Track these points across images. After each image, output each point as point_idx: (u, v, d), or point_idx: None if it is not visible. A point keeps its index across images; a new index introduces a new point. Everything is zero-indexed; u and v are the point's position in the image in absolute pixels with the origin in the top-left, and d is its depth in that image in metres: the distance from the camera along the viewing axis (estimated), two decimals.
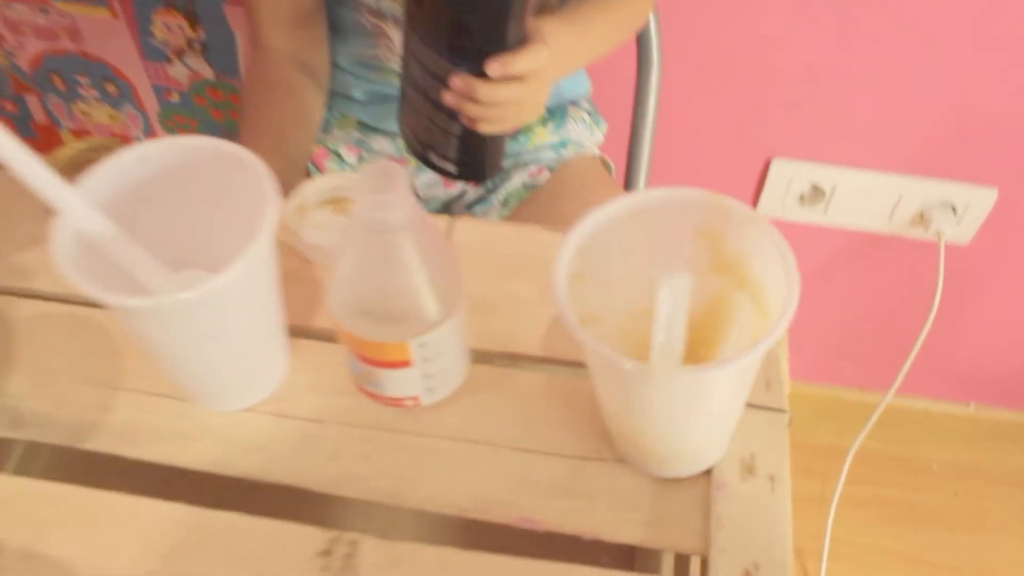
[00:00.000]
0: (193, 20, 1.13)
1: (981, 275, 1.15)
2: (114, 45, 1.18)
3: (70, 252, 0.38)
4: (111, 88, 1.24)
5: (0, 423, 0.47)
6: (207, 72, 1.18)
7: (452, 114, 0.61)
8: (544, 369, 0.48)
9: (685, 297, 0.34)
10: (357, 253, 0.39)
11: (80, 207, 0.39)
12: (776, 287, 0.37)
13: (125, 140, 1.29)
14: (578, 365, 0.48)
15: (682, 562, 0.43)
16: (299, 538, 0.42)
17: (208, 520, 0.43)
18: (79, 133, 1.33)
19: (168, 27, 1.15)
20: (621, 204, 0.39)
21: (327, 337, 0.49)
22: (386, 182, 0.37)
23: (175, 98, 1.24)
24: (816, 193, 1.10)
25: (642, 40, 0.89)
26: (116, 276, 0.40)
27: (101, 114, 1.28)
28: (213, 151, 0.41)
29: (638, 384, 0.35)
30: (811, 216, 1.13)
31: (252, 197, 0.40)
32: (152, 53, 1.18)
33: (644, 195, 0.39)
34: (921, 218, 1.09)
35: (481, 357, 0.48)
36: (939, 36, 0.92)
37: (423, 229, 0.39)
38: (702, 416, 0.37)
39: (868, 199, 1.09)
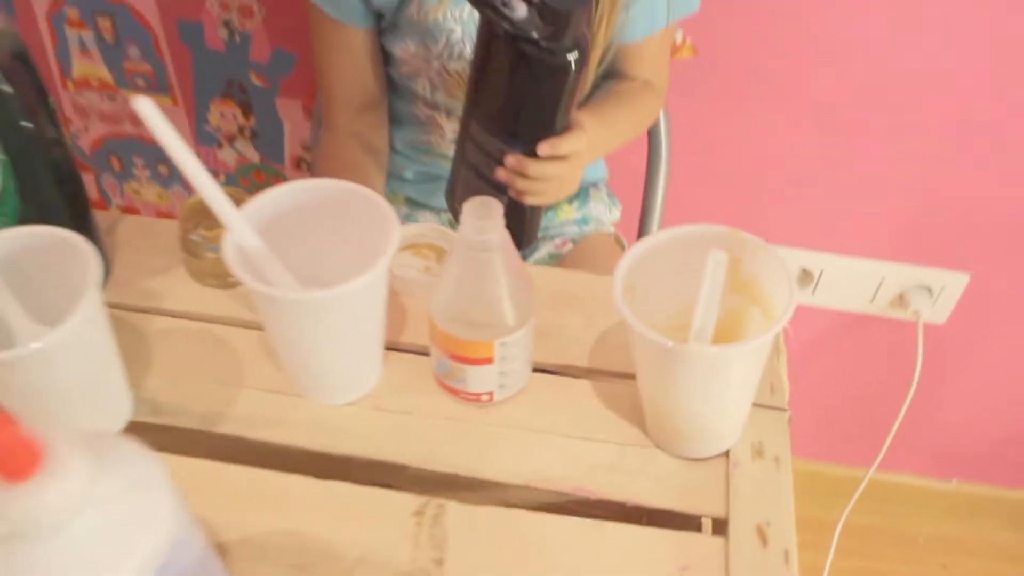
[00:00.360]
0: (246, 109, 1.28)
1: (957, 353, 1.29)
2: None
3: (236, 259, 0.51)
4: (163, 169, 1.38)
5: (142, 411, 0.58)
6: (254, 156, 1.33)
7: (501, 188, 0.74)
8: (589, 378, 0.60)
9: (723, 270, 0.47)
10: (458, 268, 0.52)
11: (241, 226, 0.52)
12: (781, 299, 0.49)
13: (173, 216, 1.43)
14: (617, 376, 0.60)
15: (707, 524, 0.54)
16: (398, 502, 0.53)
17: (323, 488, 0.54)
18: (128, 210, 1.46)
19: (223, 115, 1.30)
20: (662, 235, 0.52)
21: (413, 350, 0.61)
22: (486, 212, 0.50)
23: (221, 179, 1.38)
24: (806, 276, 1.24)
25: (652, 135, 1.05)
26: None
27: (151, 193, 1.42)
28: (346, 190, 0.55)
29: (676, 361, 0.48)
30: (801, 298, 1.27)
31: (374, 228, 0.53)
32: (205, 138, 1.32)
33: (679, 229, 0.52)
34: (901, 300, 1.23)
35: (538, 368, 0.60)
36: (916, 136, 1.08)
37: (510, 252, 0.52)
38: (724, 393, 0.50)
39: (852, 282, 1.23)
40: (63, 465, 0.35)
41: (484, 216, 0.50)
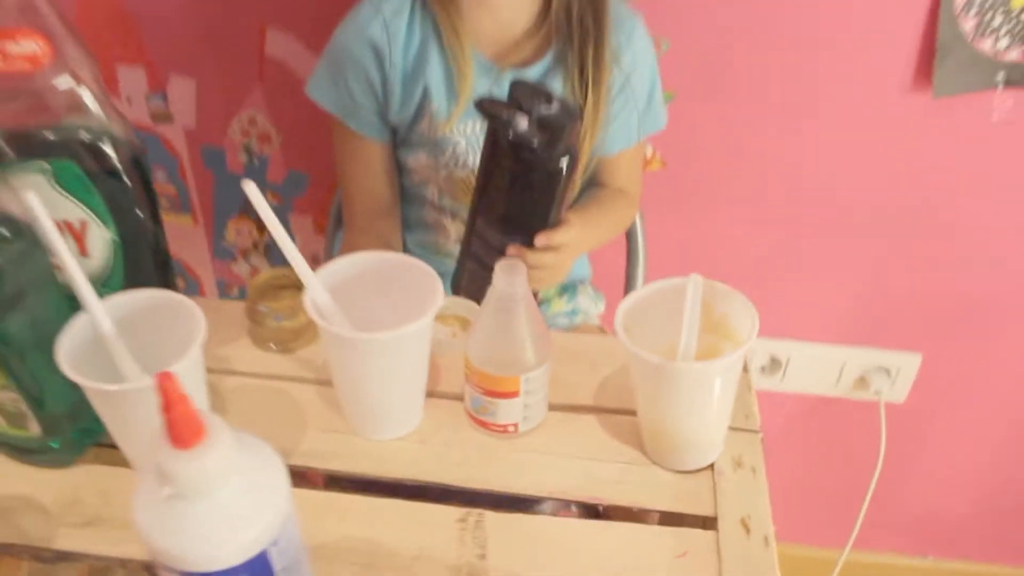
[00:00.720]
0: (261, 226, 1.44)
1: (919, 430, 1.43)
2: (191, 246, 1.48)
3: (313, 309, 0.65)
4: (180, 282, 1.52)
5: None
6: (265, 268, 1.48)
7: None
8: (595, 414, 0.74)
9: (700, 291, 0.62)
10: (490, 316, 0.67)
11: (317, 286, 0.66)
12: (747, 334, 0.64)
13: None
14: (618, 412, 0.74)
15: (699, 521, 0.67)
16: (444, 512, 0.66)
17: (381, 503, 0.67)
18: None
19: (239, 232, 1.46)
20: (651, 287, 0.67)
21: (447, 397, 0.75)
22: (513, 270, 0.65)
23: (234, 292, 1.53)
24: (774, 364, 1.40)
25: (630, 237, 1.21)
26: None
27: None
28: (397, 260, 0.69)
29: (667, 377, 0.62)
30: (771, 384, 1.42)
31: (421, 289, 0.67)
32: (221, 253, 1.47)
33: (663, 282, 0.67)
34: (862, 381, 1.38)
35: (553, 407, 0.74)
36: (866, 230, 1.26)
37: (531, 303, 0.67)
38: (707, 405, 0.63)
39: (817, 367, 1.39)
40: (217, 440, 0.48)
41: (512, 273, 0.65)
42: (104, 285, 0.71)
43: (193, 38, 1.26)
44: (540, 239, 0.86)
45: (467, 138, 1.00)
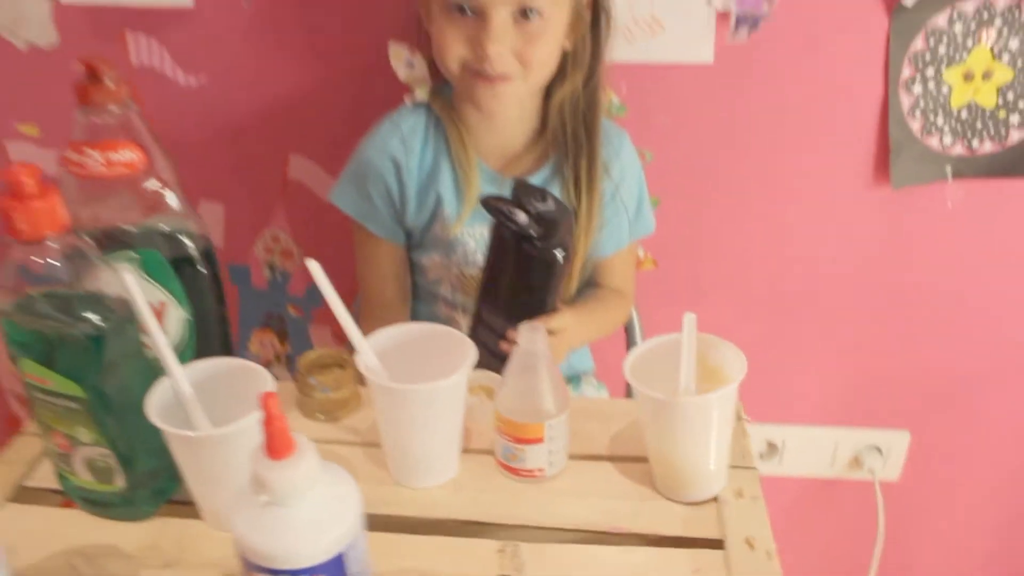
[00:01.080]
0: (283, 337, 1.56)
1: (916, 507, 1.52)
2: None
3: (364, 370, 0.77)
4: None
5: None
6: (287, 379, 1.59)
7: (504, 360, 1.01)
8: (610, 461, 0.85)
9: (694, 328, 0.74)
10: (516, 372, 0.79)
11: (368, 351, 0.78)
12: (737, 373, 0.76)
13: None
14: (629, 459, 0.85)
15: (708, 543, 0.77)
16: (485, 544, 0.77)
17: (427, 540, 0.76)
18: None
19: (262, 343, 1.58)
20: (653, 341, 0.80)
21: (479, 452, 0.86)
22: (534, 331, 0.78)
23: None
24: (771, 449, 1.50)
25: (628, 332, 1.34)
26: None
27: None
28: (443, 332, 0.82)
29: (670, 411, 0.73)
30: (770, 469, 1.51)
31: (453, 352, 0.80)
32: None
33: (664, 337, 0.80)
34: (856, 461, 1.48)
35: (573, 456, 0.85)
36: (852, 313, 1.39)
37: (550, 360, 0.79)
38: (708, 436, 0.75)
39: (812, 449, 1.49)
40: (305, 454, 0.59)
41: (533, 333, 0.78)
42: (178, 356, 0.83)
43: (223, 167, 1.42)
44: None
45: (476, 239, 1.14)
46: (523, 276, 0.98)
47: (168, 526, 0.80)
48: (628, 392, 1.39)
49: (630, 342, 1.35)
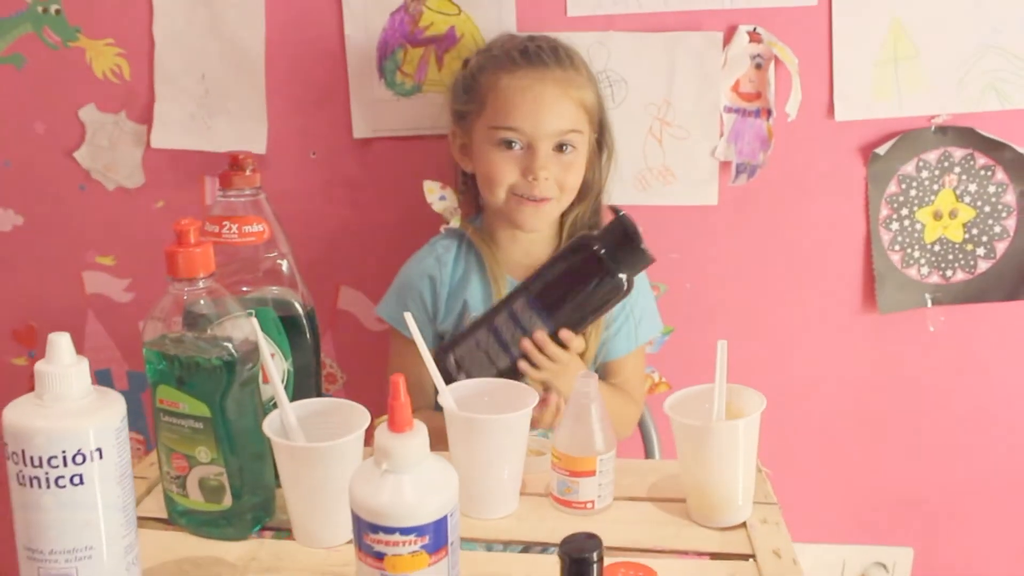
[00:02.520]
0: None
1: None
2: None
3: (446, 406, 0.93)
4: None
5: None
6: None
7: (505, 357, 1.13)
8: (650, 502, 0.99)
9: (725, 354, 0.90)
10: (571, 412, 0.95)
11: (447, 392, 0.94)
12: (758, 407, 0.92)
13: None
14: (667, 500, 0.99)
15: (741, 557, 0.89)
16: (548, 559, 0.88)
17: (499, 555, 0.89)
18: None
19: None
20: (688, 389, 0.96)
21: (534, 495, 1.00)
22: (588, 377, 0.94)
23: None
24: None
25: (645, 437, 1.48)
26: None
27: None
28: (506, 385, 0.99)
29: (704, 435, 0.89)
30: None
31: (519, 398, 0.96)
32: None
33: (698, 387, 0.96)
34: None
35: (617, 498, 0.99)
36: (849, 436, 1.54)
37: (601, 403, 0.95)
38: (736, 460, 0.90)
39: (821, 567, 1.59)
40: (420, 430, 0.74)
41: (588, 379, 0.95)
42: None
43: None
44: (565, 333, 1.12)
45: None
46: (586, 287, 1.08)
47: (265, 544, 0.93)
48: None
49: (647, 446, 1.49)
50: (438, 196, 1.40)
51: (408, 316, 0.96)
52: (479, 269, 1.34)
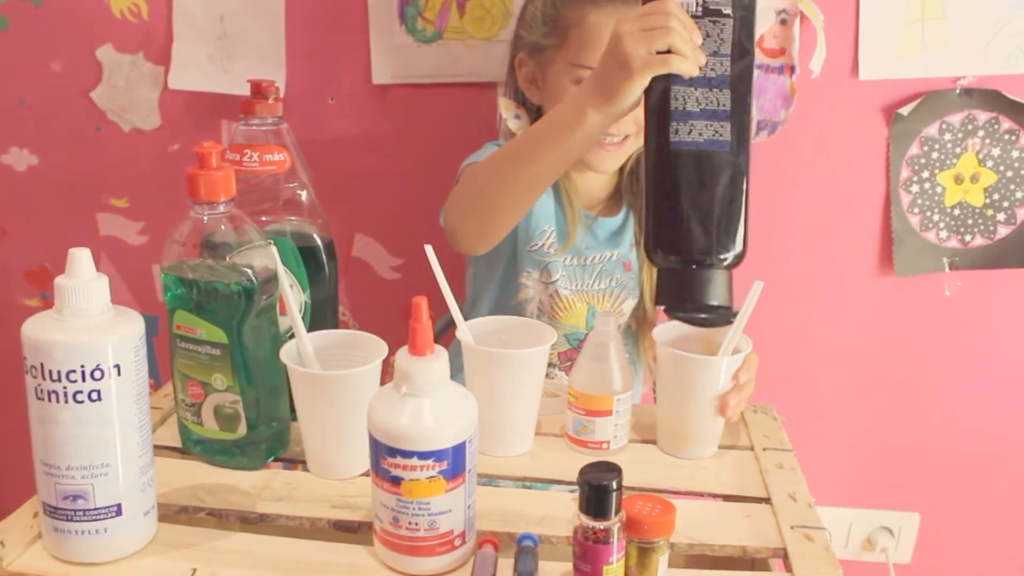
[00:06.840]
0: None
1: None
2: None
3: (464, 338, 0.92)
4: None
5: None
6: None
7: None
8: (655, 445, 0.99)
9: (757, 295, 0.89)
10: (589, 352, 0.94)
11: (465, 329, 0.93)
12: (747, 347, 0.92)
13: None
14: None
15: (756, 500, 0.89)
16: (561, 494, 0.88)
17: (514, 490, 0.89)
18: None
19: None
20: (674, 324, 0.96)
21: (549, 435, 0.99)
22: (607, 317, 0.93)
23: None
24: None
25: None
26: None
27: None
28: (524, 323, 0.99)
29: (699, 370, 0.90)
30: None
31: (538, 335, 0.95)
32: None
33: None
34: (869, 542, 1.58)
35: (631, 440, 0.98)
36: (860, 399, 1.54)
37: (619, 345, 0.94)
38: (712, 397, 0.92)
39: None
40: (440, 353, 0.74)
41: (607, 318, 0.94)
42: None
43: None
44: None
45: (567, 268, 1.28)
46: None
47: (279, 473, 0.92)
48: None
49: None
50: (513, 114, 1.36)
51: (430, 250, 0.94)
52: (555, 194, 1.29)
